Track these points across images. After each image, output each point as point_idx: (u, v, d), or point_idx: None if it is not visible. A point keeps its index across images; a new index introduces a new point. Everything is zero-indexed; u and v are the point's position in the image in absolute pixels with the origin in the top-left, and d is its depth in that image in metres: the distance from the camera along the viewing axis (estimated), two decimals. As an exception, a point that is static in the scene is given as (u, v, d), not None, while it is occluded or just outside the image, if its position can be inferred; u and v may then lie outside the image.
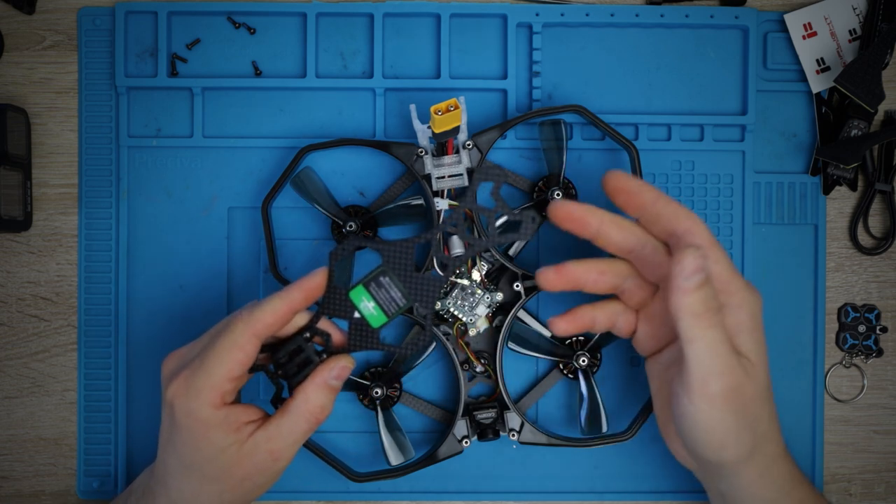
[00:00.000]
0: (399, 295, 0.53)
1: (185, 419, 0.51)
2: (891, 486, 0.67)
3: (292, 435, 0.52)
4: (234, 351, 0.50)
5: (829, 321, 0.67)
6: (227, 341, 0.50)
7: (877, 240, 0.67)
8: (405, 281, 0.53)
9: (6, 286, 0.66)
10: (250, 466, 0.52)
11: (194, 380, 0.50)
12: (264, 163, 0.66)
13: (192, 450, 0.51)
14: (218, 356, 0.50)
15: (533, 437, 0.62)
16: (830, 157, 0.64)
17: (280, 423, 0.52)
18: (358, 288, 0.53)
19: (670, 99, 0.66)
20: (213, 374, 0.50)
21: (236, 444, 0.51)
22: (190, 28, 0.66)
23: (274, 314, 0.51)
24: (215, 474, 0.52)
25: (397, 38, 0.66)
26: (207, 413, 0.50)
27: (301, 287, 0.52)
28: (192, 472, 0.52)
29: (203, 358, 0.51)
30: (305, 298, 0.52)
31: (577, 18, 0.65)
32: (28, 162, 0.65)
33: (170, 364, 0.53)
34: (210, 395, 0.50)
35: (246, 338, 0.50)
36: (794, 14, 0.66)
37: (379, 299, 0.53)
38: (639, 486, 0.66)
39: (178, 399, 0.51)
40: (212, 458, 0.51)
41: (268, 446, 0.52)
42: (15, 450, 0.66)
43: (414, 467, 0.62)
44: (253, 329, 0.50)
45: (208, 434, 0.51)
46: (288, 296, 0.51)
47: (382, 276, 0.52)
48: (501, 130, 0.62)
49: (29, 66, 0.66)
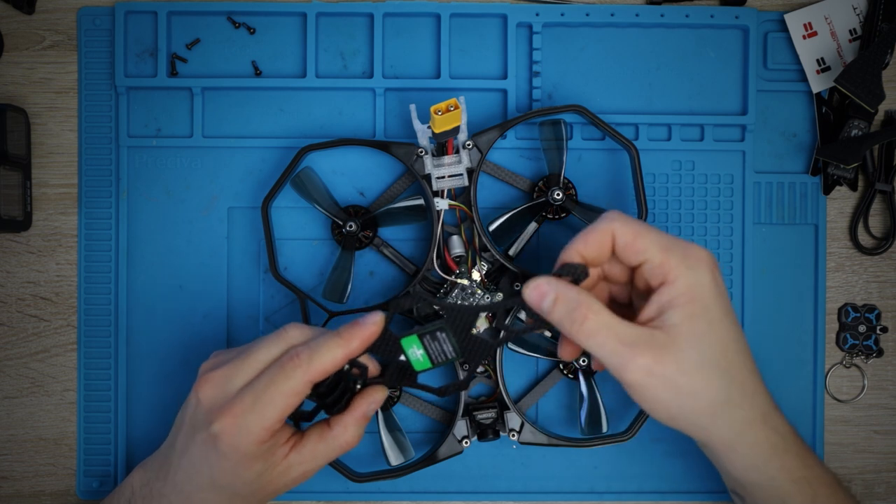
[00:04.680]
0: (450, 349, 0.53)
1: (231, 453, 0.51)
2: (891, 486, 0.67)
3: (325, 459, 0.54)
4: (291, 397, 0.51)
5: (830, 321, 0.67)
6: (286, 387, 0.50)
7: (877, 240, 0.67)
8: (460, 339, 0.53)
9: (6, 286, 0.66)
10: (280, 485, 0.53)
11: (246, 420, 0.50)
12: (264, 163, 0.66)
13: (231, 476, 0.52)
14: (273, 399, 0.50)
15: (533, 437, 0.62)
16: (831, 157, 0.63)
17: (316, 449, 0.53)
18: (412, 337, 0.53)
19: (670, 99, 0.66)
20: (267, 416, 0.50)
21: (272, 466, 0.52)
22: (190, 28, 0.66)
23: (334, 363, 0.51)
24: (247, 493, 0.53)
25: (397, 38, 0.66)
26: (254, 449, 0.51)
27: (361, 337, 0.52)
28: (223, 491, 0.53)
29: (256, 397, 0.51)
30: (362, 347, 0.52)
31: (577, 18, 0.65)
32: (28, 162, 0.65)
33: (210, 389, 0.52)
34: (260, 434, 0.51)
35: (304, 385, 0.51)
36: (794, 14, 0.66)
37: (429, 349, 0.53)
38: (639, 486, 0.66)
39: (227, 435, 0.51)
40: (249, 482, 0.52)
41: (301, 469, 0.53)
42: (15, 450, 0.66)
43: (414, 467, 0.62)
44: (312, 377, 0.51)
45: (252, 465, 0.52)
46: (347, 345, 0.51)
47: (440, 331, 0.53)
48: (501, 130, 0.62)
49: (29, 66, 0.66)
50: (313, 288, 0.65)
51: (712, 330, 0.50)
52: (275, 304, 0.66)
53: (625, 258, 0.52)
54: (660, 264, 0.50)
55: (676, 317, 0.50)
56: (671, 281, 0.50)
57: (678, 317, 0.50)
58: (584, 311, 0.49)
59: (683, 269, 0.50)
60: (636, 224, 0.51)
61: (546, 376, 0.66)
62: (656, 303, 0.50)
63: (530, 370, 0.66)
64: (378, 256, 0.65)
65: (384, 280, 0.66)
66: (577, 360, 0.63)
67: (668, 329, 0.50)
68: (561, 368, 0.65)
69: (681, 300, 0.50)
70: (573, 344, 0.53)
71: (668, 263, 0.50)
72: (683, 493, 0.66)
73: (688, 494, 0.66)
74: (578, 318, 0.49)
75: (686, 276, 0.50)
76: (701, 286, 0.50)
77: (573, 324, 0.49)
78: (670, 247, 0.51)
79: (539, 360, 0.66)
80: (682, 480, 0.66)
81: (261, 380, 0.51)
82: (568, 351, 0.55)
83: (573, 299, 0.50)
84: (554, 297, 0.50)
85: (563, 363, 0.64)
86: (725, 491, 0.66)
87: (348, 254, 0.63)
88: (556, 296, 0.50)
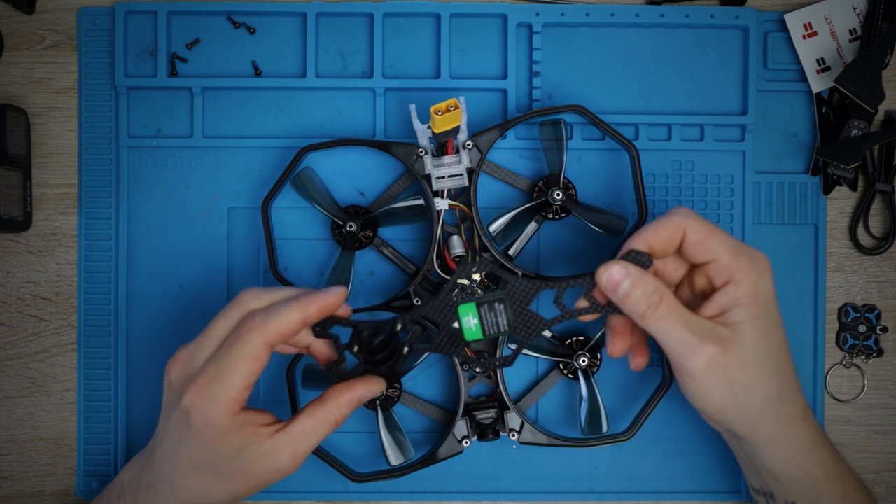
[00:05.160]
0: (504, 322, 0.54)
1: (204, 427, 0.52)
2: (891, 486, 0.67)
3: (315, 437, 0.54)
4: (250, 361, 0.51)
5: (830, 321, 0.67)
6: (243, 351, 0.51)
7: (877, 240, 0.67)
8: (516, 313, 0.54)
9: (6, 286, 0.66)
10: (268, 466, 0.53)
11: (211, 390, 0.51)
12: (264, 163, 0.66)
13: (208, 453, 0.52)
14: (234, 366, 0.51)
15: (533, 437, 0.62)
16: (831, 157, 0.63)
17: (306, 426, 0.53)
18: (470, 305, 0.54)
19: (670, 99, 0.66)
20: (230, 384, 0.51)
21: (255, 444, 0.52)
22: (190, 28, 0.66)
23: (289, 325, 0.52)
24: (231, 473, 0.53)
25: (397, 38, 0.66)
26: (226, 421, 0.51)
27: (319, 302, 0.52)
28: (205, 472, 0.53)
29: (218, 367, 0.51)
30: (320, 314, 0.53)
31: (577, 18, 0.65)
32: (28, 162, 0.65)
33: (177, 369, 0.54)
34: (228, 404, 0.51)
35: (261, 348, 0.51)
36: (794, 14, 0.66)
37: (484, 320, 0.54)
38: (639, 487, 0.66)
39: (196, 408, 0.51)
40: (230, 458, 0.52)
41: (290, 449, 0.53)
42: (15, 450, 0.66)
43: (414, 467, 0.62)
44: (268, 339, 0.51)
45: (226, 439, 0.52)
46: (304, 309, 0.52)
47: (499, 303, 0.53)
48: (501, 130, 0.62)
49: (29, 66, 0.66)
50: (313, 288, 0.65)
51: (771, 330, 0.54)
52: (275, 304, 0.66)
53: (692, 255, 0.54)
54: (727, 265, 0.53)
55: (741, 315, 0.52)
56: (738, 281, 0.53)
57: (742, 315, 0.52)
58: (659, 296, 0.52)
59: (750, 272, 0.53)
60: (708, 224, 0.53)
61: (546, 376, 0.66)
62: (720, 301, 0.53)
63: (530, 370, 0.66)
64: (378, 256, 0.65)
65: (384, 280, 0.66)
66: (577, 360, 0.63)
67: (732, 326, 0.52)
68: (561, 368, 0.65)
69: (746, 300, 0.52)
70: (625, 338, 0.56)
71: (735, 265, 0.53)
72: (683, 493, 0.66)
73: (688, 494, 0.66)
74: (654, 301, 0.52)
75: (751, 279, 0.53)
76: (764, 289, 0.53)
77: (648, 307, 0.52)
78: (739, 250, 0.53)
79: (539, 360, 0.66)
80: (682, 480, 0.66)
81: (221, 350, 0.52)
82: (619, 346, 0.56)
83: (650, 284, 0.52)
84: (632, 281, 0.52)
85: (562, 363, 0.64)
86: (726, 491, 0.66)
87: (348, 254, 0.63)
88: (633, 280, 0.52)
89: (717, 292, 0.53)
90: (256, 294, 0.53)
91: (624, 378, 0.66)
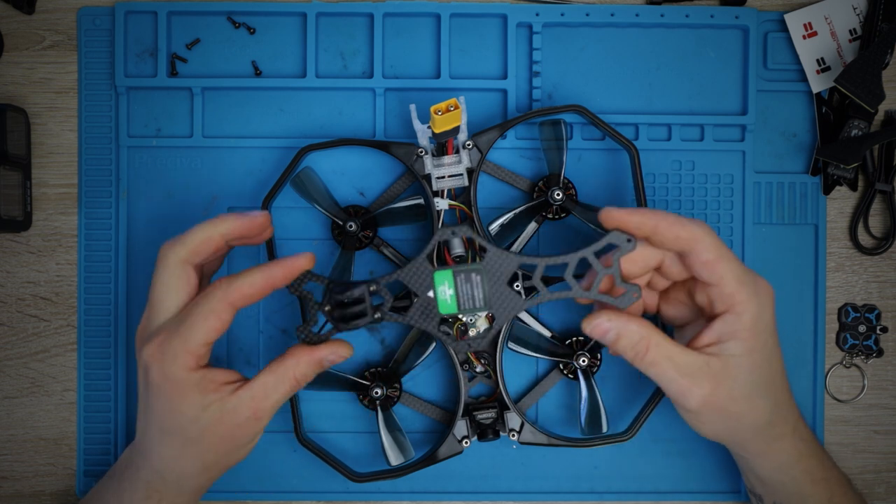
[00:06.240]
0: (480, 297, 0.53)
1: (162, 382, 0.52)
2: (891, 486, 0.67)
3: (276, 394, 0.53)
4: (211, 318, 0.52)
5: (830, 321, 0.67)
6: (205, 308, 0.52)
7: (877, 240, 0.67)
8: (493, 289, 0.53)
9: (6, 286, 0.66)
10: (232, 424, 0.53)
11: (170, 344, 0.52)
12: (264, 163, 0.66)
13: (170, 413, 0.53)
14: (194, 322, 0.52)
15: (533, 437, 0.62)
16: (831, 157, 0.63)
17: (266, 382, 0.53)
18: (447, 272, 0.53)
19: (670, 99, 0.66)
20: (189, 338, 0.52)
21: (217, 402, 0.52)
22: (190, 28, 0.66)
23: (252, 287, 0.52)
24: (196, 435, 0.53)
25: (397, 38, 0.66)
26: (184, 375, 0.52)
27: (284, 266, 0.53)
28: (172, 437, 0.53)
29: (179, 322, 0.52)
30: (285, 277, 0.53)
31: (577, 18, 0.65)
32: (28, 162, 0.65)
33: (140, 337, 0.54)
34: (185, 358, 0.52)
35: (222, 306, 0.52)
36: (794, 14, 0.66)
37: (459, 292, 0.53)
38: (639, 487, 0.66)
39: (154, 362, 0.52)
40: (193, 418, 0.52)
41: (252, 404, 0.53)
42: (15, 450, 0.66)
43: (414, 467, 0.62)
44: (230, 299, 0.52)
45: (186, 395, 0.52)
46: (269, 272, 0.53)
47: (476, 273, 0.53)
48: (501, 130, 0.62)
49: (29, 66, 0.66)
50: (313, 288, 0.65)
51: (766, 362, 0.54)
52: (275, 304, 0.66)
53: (699, 272, 0.53)
54: (730, 294, 0.53)
55: (736, 349, 0.53)
56: (738, 313, 0.53)
57: (738, 349, 0.53)
58: (646, 344, 0.52)
59: (751, 305, 0.53)
60: (721, 246, 0.53)
61: (546, 376, 0.66)
62: (718, 330, 0.53)
63: (530, 370, 0.66)
64: (378, 256, 0.65)
65: (384, 280, 0.66)
66: (577, 360, 0.63)
67: (725, 359, 0.53)
68: (561, 368, 0.65)
69: (743, 334, 0.53)
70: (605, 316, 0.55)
71: (738, 295, 0.53)
72: (683, 493, 0.66)
73: (688, 494, 0.66)
74: (641, 350, 0.52)
75: (752, 312, 0.53)
76: (764, 321, 0.53)
77: (636, 355, 0.53)
78: (744, 280, 0.53)
79: (539, 360, 0.66)
80: (682, 480, 0.66)
81: (184, 309, 0.53)
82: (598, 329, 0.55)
83: (634, 332, 0.52)
84: (616, 333, 0.53)
85: (562, 363, 0.64)
86: (726, 491, 0.66)
87: (348, 254, 0.63)
88: (618, 332, 0.53)
89: (717, 320, 0.53)
90: (171, 242, 0.54)
91: (624, 378, 0.66)
